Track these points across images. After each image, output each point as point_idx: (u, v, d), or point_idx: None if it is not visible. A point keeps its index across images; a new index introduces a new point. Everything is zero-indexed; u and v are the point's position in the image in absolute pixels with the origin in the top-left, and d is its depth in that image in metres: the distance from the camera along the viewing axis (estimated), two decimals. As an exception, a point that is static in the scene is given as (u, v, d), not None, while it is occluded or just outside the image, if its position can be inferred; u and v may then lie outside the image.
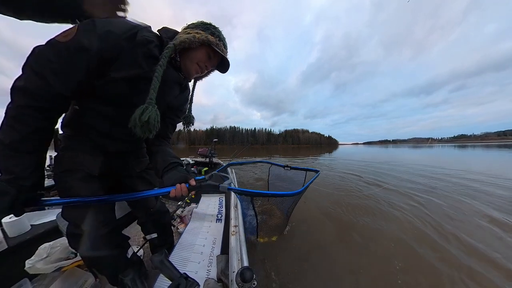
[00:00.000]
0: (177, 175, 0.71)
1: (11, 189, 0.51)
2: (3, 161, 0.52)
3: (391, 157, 11.98)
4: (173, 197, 0.65)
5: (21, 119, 0.51)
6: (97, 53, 0.52)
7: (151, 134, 0.60)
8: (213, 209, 1.83)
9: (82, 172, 0.69)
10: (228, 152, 4.56)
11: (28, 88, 0.50)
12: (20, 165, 0.53)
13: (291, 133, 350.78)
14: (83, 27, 0.51)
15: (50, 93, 0.52)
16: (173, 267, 0.59)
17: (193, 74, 0.76)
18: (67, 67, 0.51)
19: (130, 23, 0.59)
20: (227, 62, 0.78)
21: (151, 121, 0.57)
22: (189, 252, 1.20)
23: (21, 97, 0.50)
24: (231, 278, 0.64)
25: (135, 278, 0.60)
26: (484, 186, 3.88)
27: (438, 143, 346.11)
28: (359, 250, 1.70)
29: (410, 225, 2.14)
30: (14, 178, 0.52)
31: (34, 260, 0.91)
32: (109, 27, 0.53)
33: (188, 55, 0.70)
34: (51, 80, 0.50)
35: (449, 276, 1.39)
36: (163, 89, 0.67)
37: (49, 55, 0.49)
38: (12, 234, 1.04)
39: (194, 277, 0.57)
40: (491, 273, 1.41)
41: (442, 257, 1.60)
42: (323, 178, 4.51)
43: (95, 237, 0.68)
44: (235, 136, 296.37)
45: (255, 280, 0.56)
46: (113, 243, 0.76)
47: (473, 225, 2.16)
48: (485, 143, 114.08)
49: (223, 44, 0.72)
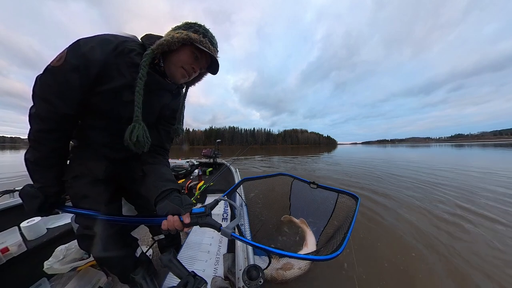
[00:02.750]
0: (169, 205, 0.61)
1: (40, 194, 0.65)
2: (32, 175, 0.65)
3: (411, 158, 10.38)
4: (165, 229, 0.57)
5: (38, 142, 0.61)
6: (86, 69, 0.55)
7: (145, 149, 0.66)
8: (219, 208, 1.85)
9: (89, 177, 0.74)
10: (228, 152, 4.49)
11: (39, 113, 0.57)
12: (44, 178, 0.66)
13: (290, 133, 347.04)
14: (70, 49, 0.54)
15: (57, 114, 0.58)
16: (181, 265, 0.61)
17: (179, 79, 0.69)
18: (65, 88, 0.55)
19: (112, 36, 0.59)
20: (216, 62, 0.70)
21: (140, 140, 0.62)
22: (196, 251, 1.23)
23: (35, 122, 0.59)
24: (238, 276, 0.65)
25: (145, 276, 0.63)
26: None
27: (436, 143, 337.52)
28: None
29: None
30: (41, 187, 0.65)
31: (51, 261, 0.96)
32: (91, 44, 0.55)
33: (171, 59, 0.65)
34: (55, 102, 0.56)
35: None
36: (150, 100, 0.69)
37: (48, 81, 0.55)
38: (30, 238, 1.09)
39: (201, 275, 0.59)
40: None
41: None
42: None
43: (105, 239, 0.72)
44: (234, 136, 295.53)
45: (261, 278, 0.56)
46: (122, 243, 0.79)
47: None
48: (481, 142, 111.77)
49: (210, 41, 0.65)
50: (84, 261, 1.02)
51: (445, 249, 1.72)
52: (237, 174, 2.29)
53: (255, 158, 11.63)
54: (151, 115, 0.76)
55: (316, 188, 1.41)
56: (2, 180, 5.87)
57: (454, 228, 2.11)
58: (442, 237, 1.91)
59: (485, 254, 1.65)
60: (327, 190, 1.37)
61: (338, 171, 6.28)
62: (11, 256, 0.95)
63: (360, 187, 3.95)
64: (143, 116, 0.65)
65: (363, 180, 4.59)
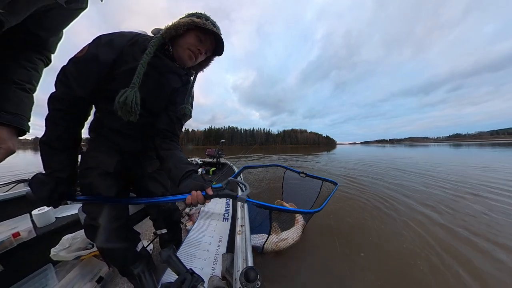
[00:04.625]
0: (193, 183, 0.68)
1: (50, 181, 0.64)
2: (45, 158, 0.66)
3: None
4: (189, 203, 0.65)
5: (54, 121, 0.65)
6: (104, 58, 0.64)
7: (132, 116, 0.63)
8: (220, 208, 1.86)
9: (100, 170, 0.77)
10: (227, 152, 4.61)
11: (57, 95, 0.64)
12: (56, 161, 0.66)
13: (289, 133, 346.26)
14: (92, 42, 0.65)
15: (73, 96, 0.64)
16: (180, 262, 0.62)
17: (187, 60, 0.75)
18: (84, 74, 0.64)
19: (127, 32, 0.70)
20: (221, 41, 0.75)
21: (127, 102, 0.60)
22: (195, 249, 1.24)
23: (52, 103, 0.64)
24: (235, 277, 0.65)
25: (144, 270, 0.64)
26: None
27: (434, 142, 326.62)
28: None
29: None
30: (52, 171, 0.65)
31: (58, 248, 1.00)
32: (111, 37, 0.65)
33: (178, 42, 0.72)
34: (73, 86, 0.63)
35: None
36: (160, 81, 0.76)
37: (71, 69, 0.62)
38: (40, 225, 1.15)
39: (199, 273, 0.58)
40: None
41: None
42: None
43: (109, 231, 0.74)
44: (234, 136, 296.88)
45: (259, 281, 0.55)
46: (124, 236, 0.81)
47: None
48: (478, 142, 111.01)
49: (212, 24, 0.71)
50: (88, 250, 1.05)
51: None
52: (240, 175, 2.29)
53: (254, 157, 13.32)
54: (162, 98, 0.81)
55: (305, 177, 1.71)
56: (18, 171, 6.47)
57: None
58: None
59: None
60: (314, 178, 1.68)
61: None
62: (21, 240, 1.00)
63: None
64: (154, 99, 0.76)
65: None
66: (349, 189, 3.51)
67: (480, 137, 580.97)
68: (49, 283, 0.96)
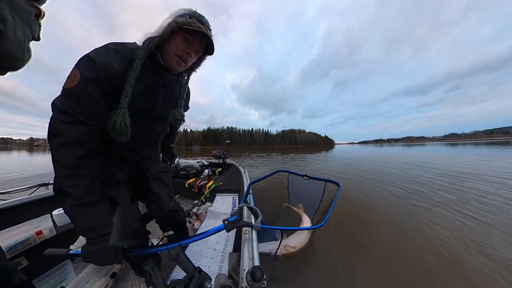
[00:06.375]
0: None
1: (104, 245, 0.60)
2: (80, 223, 0.59)
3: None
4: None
5: (78, 175, 0.55)
6: (106, 81, 0.56)
7: (123, 137, 0.60)
8: (227, 207, 1.89)
9: (113, 180, 0.79)
10: (229, 152, 4.54)
11: (72, 140, 0.53)
12: (97, 219, 0.60)
13: (288, 133, 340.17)
14: (82, 65, 0.53)
15: (92, 133, 0.56)
16: (188, 260, 0.64)
17: (176, 67, 0.68)
18: (90, 103, 0.54)
19: (121, 47, 0.61)
20: (210, 41, 0.67)
21: (116, 126, 0.57)
22: (203, 248, 1.27)
23: (69, 154, 0.53)
24: (242, 275, 0.66)
25: (154, 267, 0.66)
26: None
27: (430, 142, 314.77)
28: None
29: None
30: (100, 234, 0.61)
31: (76, 246, 1.08)
32: (108, 59, 0.56)
33: (165, 49, 0.64)
34: (87, 121, 0.54)
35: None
36: (167, 96, 0.76)
37: (71, 104, 0.52)
38: (60, 224, 1.23)
39: (206, 271, 0.60)
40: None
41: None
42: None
43: (122, 230, 0.77)
44: (233, 136, 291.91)
45: (265, 280, 0.55)
46: (136, 235, 0.85)
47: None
48: (474, 141, 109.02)
49: (198, 20, 0.61)
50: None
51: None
52: (245, 175, 2.30)
53: (254, 156, 14.03)
54: (172, 108, 0.83)
55: (308, 180, 1.74)
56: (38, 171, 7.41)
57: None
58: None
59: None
60: (317, 180, 1.71)
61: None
62: (43, 238, 1.08)
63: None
64: (168, 111, 0.78)
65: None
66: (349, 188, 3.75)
67: (475, 136, 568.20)
68: (68, 277, 1.04)
